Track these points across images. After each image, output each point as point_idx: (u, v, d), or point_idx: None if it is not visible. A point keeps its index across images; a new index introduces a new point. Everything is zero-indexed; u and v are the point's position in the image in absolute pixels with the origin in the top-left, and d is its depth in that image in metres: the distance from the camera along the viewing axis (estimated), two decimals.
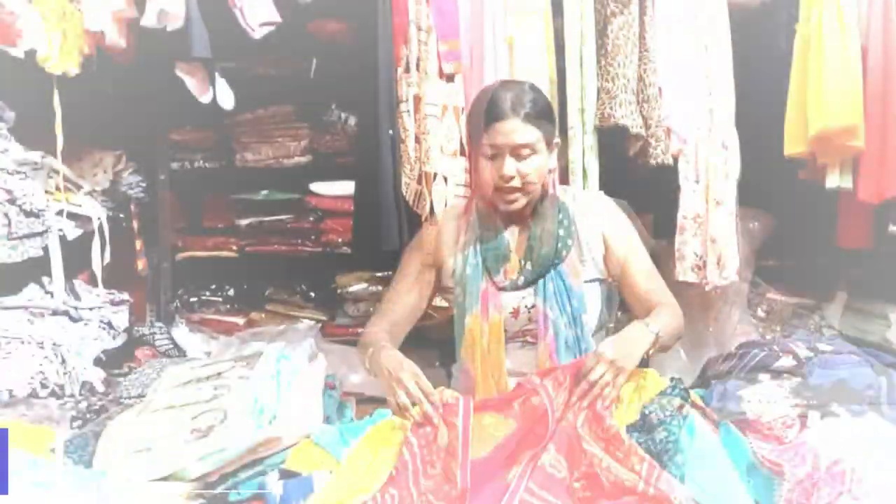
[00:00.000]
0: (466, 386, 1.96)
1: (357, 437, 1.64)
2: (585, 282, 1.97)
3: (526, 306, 1.95)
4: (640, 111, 2.49)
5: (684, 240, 2.57)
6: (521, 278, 1.95)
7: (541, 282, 1.94)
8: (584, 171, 2.49)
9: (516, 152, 1.86)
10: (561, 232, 1.96)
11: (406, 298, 2.05)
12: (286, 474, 1.54)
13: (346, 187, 3.01)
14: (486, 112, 1.88)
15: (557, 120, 2.45)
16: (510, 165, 1.85)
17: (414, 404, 1.66)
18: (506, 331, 1.95)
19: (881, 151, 2.35)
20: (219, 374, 1.87)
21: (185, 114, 3.05)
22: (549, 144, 1.92)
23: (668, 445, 1.48)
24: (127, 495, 1.49)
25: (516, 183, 1.87)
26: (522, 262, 1.96)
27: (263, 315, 3.31)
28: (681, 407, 1.55)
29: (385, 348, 1.84)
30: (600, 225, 2.01)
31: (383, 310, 2.07)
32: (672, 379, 1.67)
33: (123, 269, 2.93)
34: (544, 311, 1.92)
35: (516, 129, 1.85)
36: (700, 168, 2.54)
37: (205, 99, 2.38)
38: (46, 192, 2.26)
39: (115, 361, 2.55)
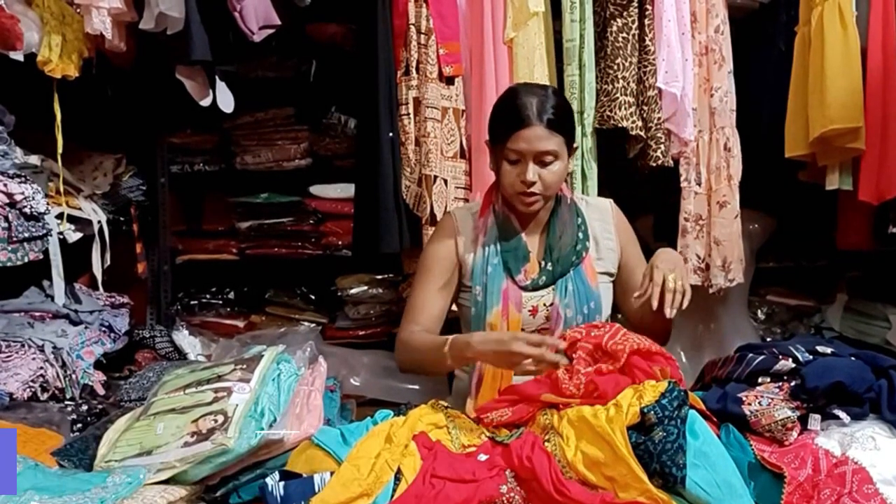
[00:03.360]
0: (477, 386, 1.96)
1: (358, 438, 1.63)
2: (601, 283, 2.01)
3: (545, 304, 1.98)
4: (640, 113, 2.49)
5: (686, 243, 2.57)
6: (543, 278, 1.98)
7: (561, 281, 1.97)
8: (584, 173, 2.49)
9: (539, 159, 1.87)
10: (580, 234, 2.01)
11: (435, 303, 2.00)
12: (287, 475, 1.54)
13: (347, 190, 3.02)
14: (510, 118, 1.89)
15: None
16: (532, 172, 1.87)
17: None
18: (522, 329, 1.96)
19: (881, 152, 2.35)
20: (219, 376, 1.86)
21: (185, 117, 3.05)
22: (569, 149, 1.94)
23: (668, 445, 1.47)
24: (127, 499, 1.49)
25: (538, 189, 1.89)
26: (543, 263, 1.98)
27: (263, 318, 3.32)
28: (679, 407, 1.54)
29: (470, 337, 1.80)
30: (616, 232, 2.07)
31: (415, 318, 2.00)
32: (670, 381, 1.66)
33: (124, 272, 2.93)
34: (562, 311, 1.94)
35: (540, 137, 1.86)
36: (702, 170, 2.54)
37: (205, 102, 2.38)
38: (47, 195, 2.25)
39: (115, 364, 2.55)
